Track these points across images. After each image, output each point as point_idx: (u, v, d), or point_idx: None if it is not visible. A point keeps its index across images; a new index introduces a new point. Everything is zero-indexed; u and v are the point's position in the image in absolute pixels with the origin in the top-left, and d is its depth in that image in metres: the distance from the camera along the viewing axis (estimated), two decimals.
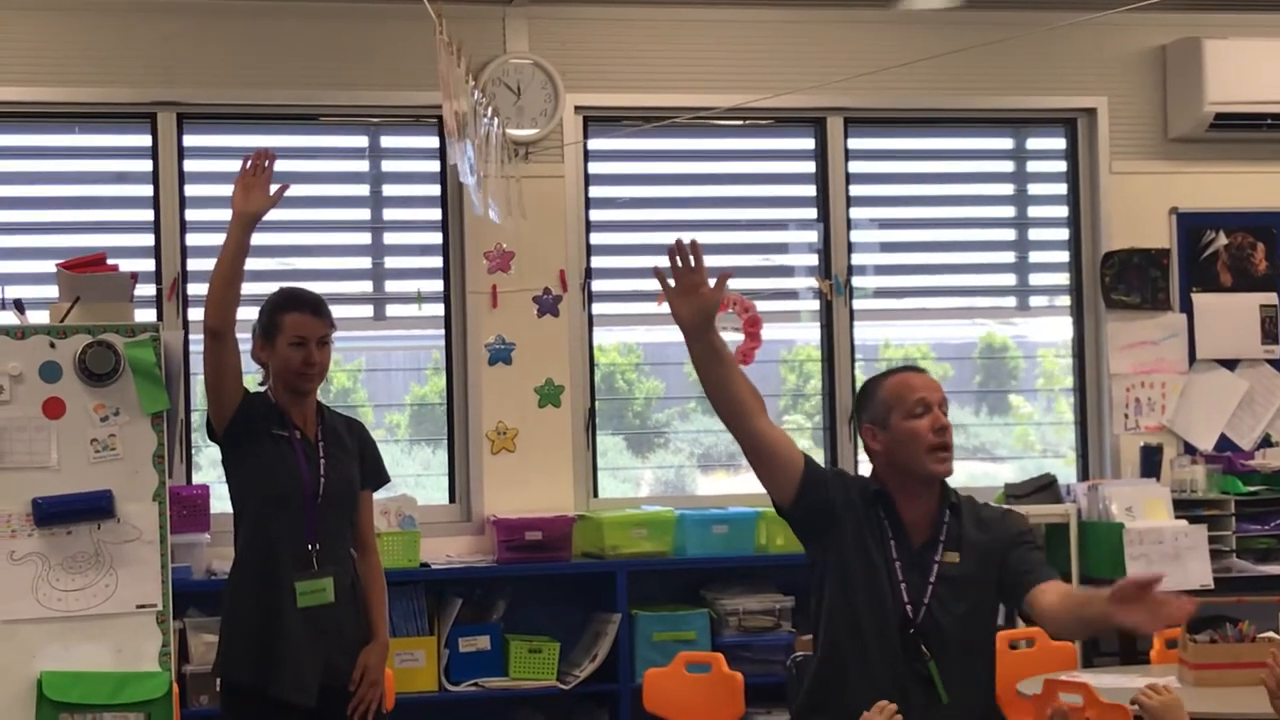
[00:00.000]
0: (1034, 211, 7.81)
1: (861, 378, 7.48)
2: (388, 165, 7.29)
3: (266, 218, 4.69)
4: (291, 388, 4.84)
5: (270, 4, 6.96)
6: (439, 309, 7.17)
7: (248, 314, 4.88)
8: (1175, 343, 7.61)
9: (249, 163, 4.66)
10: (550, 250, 7.12)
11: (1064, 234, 7.73)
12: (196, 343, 5.65)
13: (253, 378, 4.95)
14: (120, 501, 4.23)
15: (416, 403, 7.30)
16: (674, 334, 7.38)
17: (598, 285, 7.28)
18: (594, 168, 7.31)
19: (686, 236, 4.18)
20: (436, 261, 7.18)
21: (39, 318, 4.50)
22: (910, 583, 4.20)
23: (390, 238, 7.28)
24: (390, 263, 7.28)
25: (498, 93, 6.99)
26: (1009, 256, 7.84)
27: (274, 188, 4.65)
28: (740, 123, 7.46)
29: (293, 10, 6.97)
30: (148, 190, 6.93)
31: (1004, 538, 4.24)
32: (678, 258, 4.17)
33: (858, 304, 7.50)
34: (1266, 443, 7.59)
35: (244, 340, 4.83)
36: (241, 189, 4.63)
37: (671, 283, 4.18)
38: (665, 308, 7.44)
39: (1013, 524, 4.32)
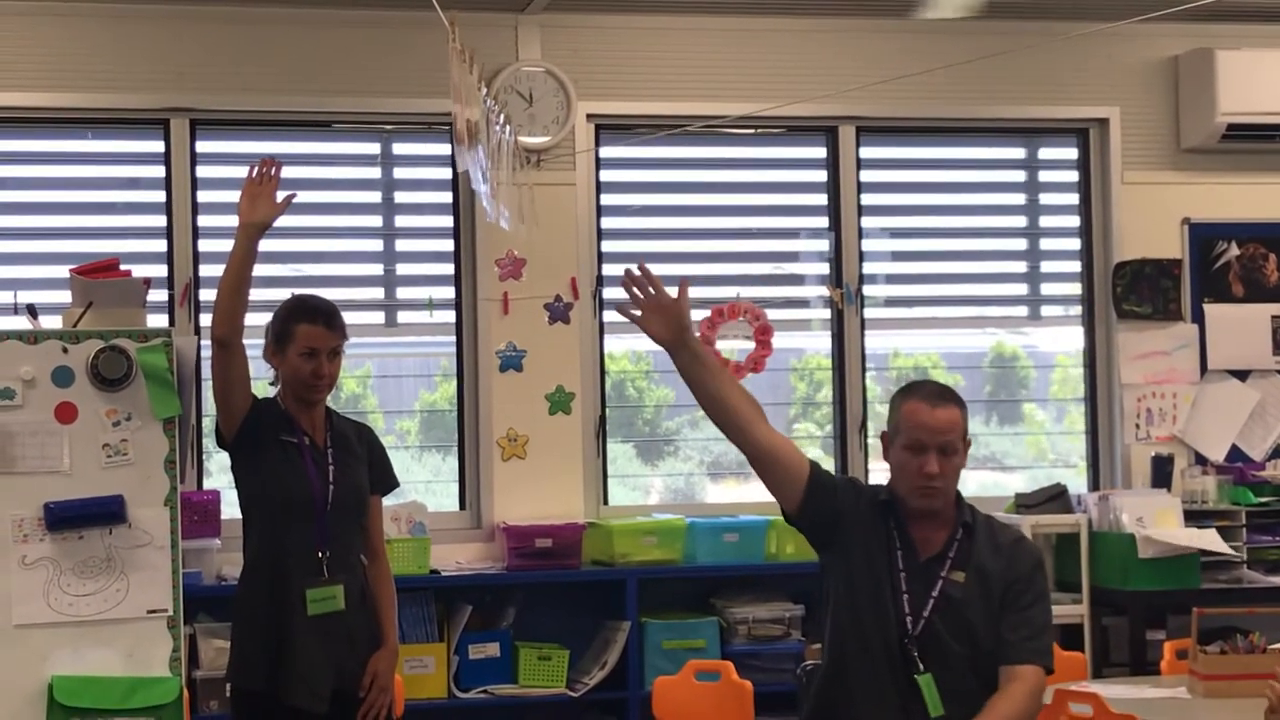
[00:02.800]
0: (1045, 221, 7.81)
1: (873, 387, 7.48)
2: (400, 172, 7.30)
3: (278, 223, 4.69)
4: (300, 397, 4.84)
5: (283, 11, 6.97)
6: (450, 316, 7.17)
7: (258, 319, 4.88)
8: (1186, 353, 7.60)
9: (254, 171, 4.65)
10: (561, 257, 7.13)
11: (1075, 244, 7.73)
12: (209, 348, 5.67)
13: (263, 384, 4.95)
14: (132, 506, 4.23)
15: (427, 409, 7.31)
16: None
17: (609, 293, 7.28)
18: (605, 175, 7.32)
19: (634, 266, 4.18)
20: (448, 268, 7.19)
21: (52, 323, 4.51)
22: (913, 594, 4.22)
23: (402, 244, 7.29)
24: (402, 269, 7.28)
25: (510, 100, 7.00)
26: (1020, 266, 7.83)
27: (281, 195, 4.64)
28: (752, 131, 7.46)
29: (305, 18, 6.98)
30: (161, 196, 6.94)
31: (1010, 575, 4.26)
32: (635, 289, 4.17)
33: (869, 313, 7.49)
34: (1278, 453, 7.58)
35: (255, 345, 4.83)
36: (247, 198, 4.63)
37: (635, 312, 4.18)
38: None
39: (1023, 559, 4.31)
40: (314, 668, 4.71)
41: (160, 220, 6.94)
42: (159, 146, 6.95)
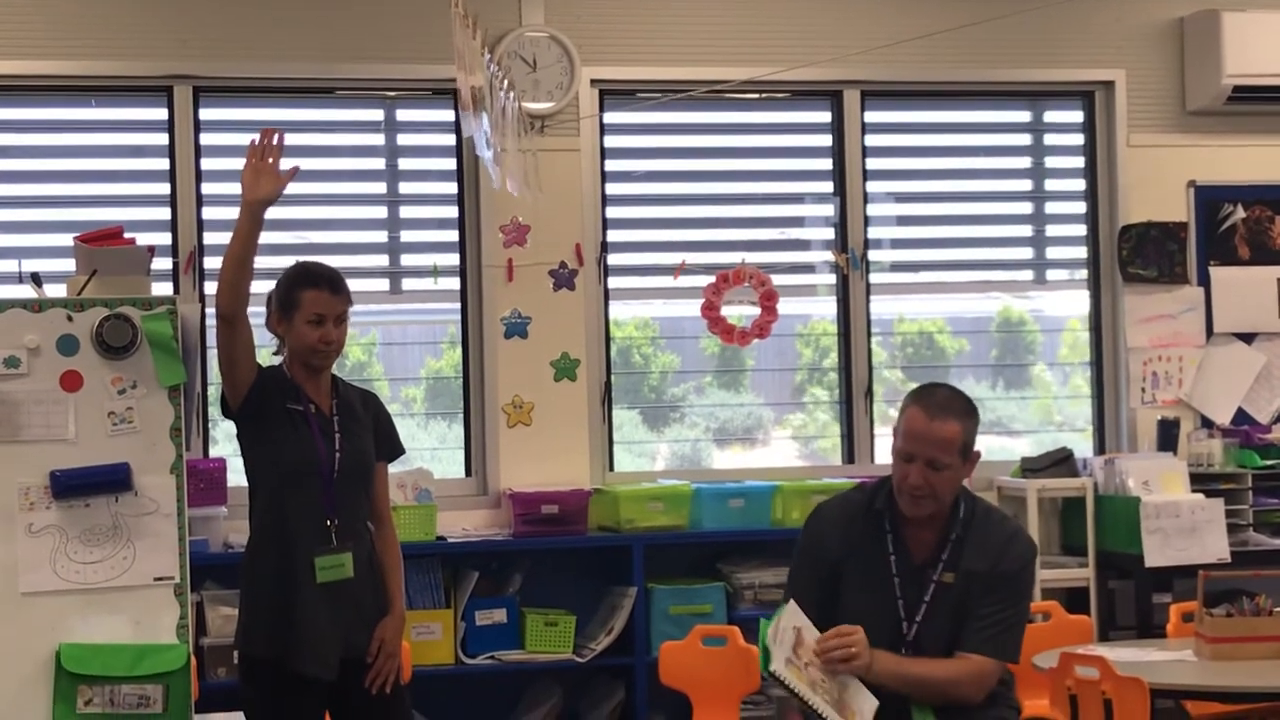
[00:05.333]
0: (1051, 185, 7.79)
1: (879, 352, 7.48)
2: (403, 139, 7.29)
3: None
4: (307, 364, 4.83)
5: None
6: (455, 283, 7.17)
7: (260, 287, 4.87)
8: (1192, 316, 7.59)
9: (256, 144, 4.59)
10: (566, 224, 7.12)
11: (1081, 207, 7.71)
12: (213, 317, 5.66)
13: (265, 352, 4.94)
14: (138, 474, 4.22)
15: (432, 376, 7.31)
16: (689, 308, 7.44)
17: (613, 259, 7.28)
18: (610, 141, 7.30)
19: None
20: (452, 235, 7.18)
21: (56, 291, 4.50)
22: (907, 599, 4.27)
23: (406, 211, 7.28)
24: (406, 236, 7.28)
25: (513, 66, 6.98)
26: (1026, 230, 7.82)
27: (286, 166, 4.59)
28: (756, 96, 7.44)
29: None
30: (164, 164, 6.94)
31: (994, 572, 4.29)
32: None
33: (874, 278, 7.48)
34: None
35: (257, 314, 4.81)
36: (250, 174, 4.56)
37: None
38: (681, 282, 7.48)
39: (1010, 558, 4.33)
40: (323, 636, 4.72)
41: (164, 188, 6.93)
42: (162, 114, 6.94)
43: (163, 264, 6.76)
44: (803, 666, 4.05)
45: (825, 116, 7.51)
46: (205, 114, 6.97)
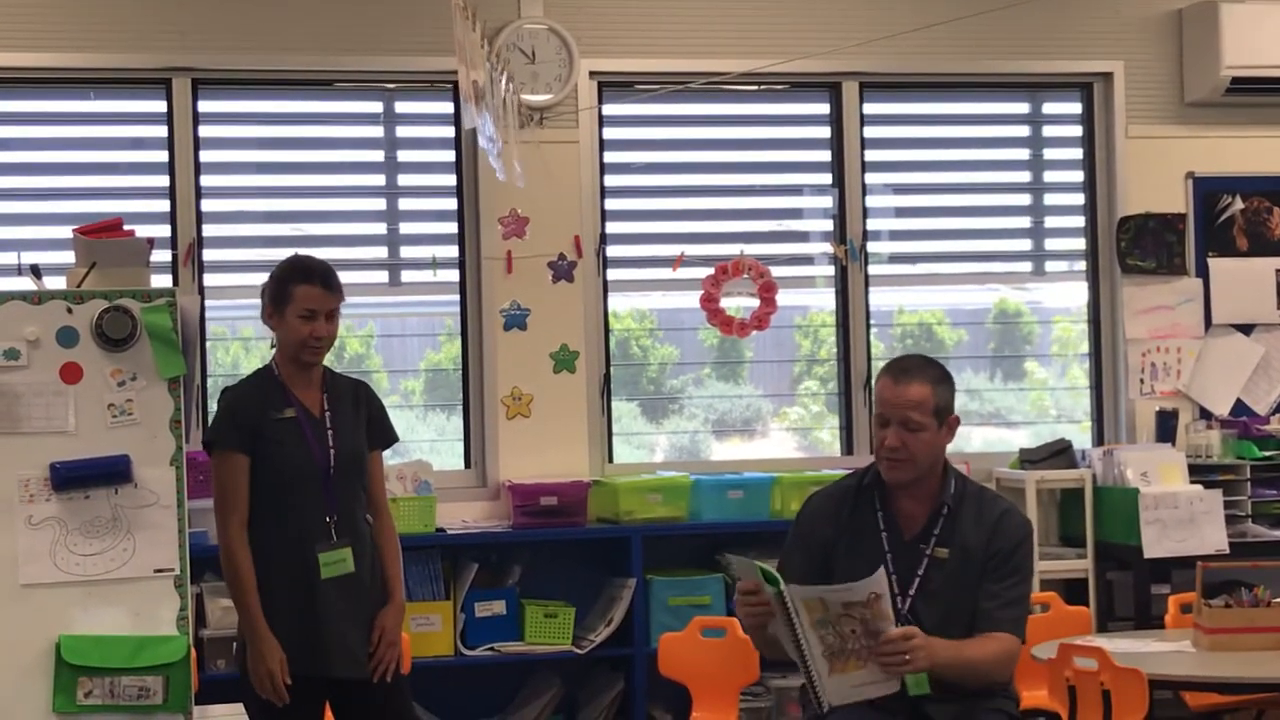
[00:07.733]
0: (1050, 176, 7.80)
1: (877, 344, 7.48)
2: (402, 131, 7.29)
3: (281, 182, 4.67)
4: (297, 358, 4.84)
5: None
6: (454, 275, 7.17)
7: (256, 279, 4.88)
8: (1191, 307, 7.59)
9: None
10: (565, 216, 7.12)
11: (1080, 199, 7.72)
12: (212, 309, 5.67)
13: (254, 344, 4.95)
14: (137, 466, 4.23)
15: (431, 369, 7.31)
16: (688, 300, 7.43)
17: (612, 251, 7.28)
18: (609, 133, 7.30)
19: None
20: (451, 227, 7.18)
21: (56, 283, 4.50)
22: (900, 574, 4.28)
23: (405, 203, 7.28)
24: (405, 228, 7.28)
25: (512, 58, 6.98)
26: (1024, 221, 7.83)
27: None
28: (755, 88, 7.44)
29: None
30: (163, 156, 6.93)
31: (991, 548, 4.30)
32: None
33: (873, 269, 7.49)
34: None
35: (249, 306, 4.80)
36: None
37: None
38: (680, 274, 7.48)
39: (1006, 533, 4.33)
40: (345, 636, 4.75)
41: (163, 180, 6.93)
42: (161, 106, 6.93)
43: (162, 256, 6.75)
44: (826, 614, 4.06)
45: (824, 108, 7.51)
46: (204, 106, 6.96)
